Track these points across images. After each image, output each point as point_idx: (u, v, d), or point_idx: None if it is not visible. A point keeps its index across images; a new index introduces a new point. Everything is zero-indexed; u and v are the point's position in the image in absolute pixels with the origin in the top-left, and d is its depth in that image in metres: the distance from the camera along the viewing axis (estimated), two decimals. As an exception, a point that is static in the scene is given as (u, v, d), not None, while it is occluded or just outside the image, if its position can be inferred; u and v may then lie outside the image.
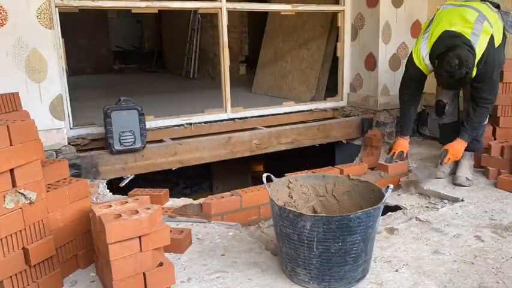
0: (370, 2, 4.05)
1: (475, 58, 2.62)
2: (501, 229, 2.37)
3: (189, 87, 7.22)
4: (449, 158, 2.91)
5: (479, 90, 2.79)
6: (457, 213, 2.60)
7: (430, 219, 2.53)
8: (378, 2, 3.97)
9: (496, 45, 2.77)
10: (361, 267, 1.84)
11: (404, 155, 3.20)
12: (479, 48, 2.66)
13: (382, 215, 2.51)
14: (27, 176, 1.70)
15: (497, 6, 2.92)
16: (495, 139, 3.27)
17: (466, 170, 3.04)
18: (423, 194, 3.04)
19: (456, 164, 3.11)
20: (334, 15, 4.49)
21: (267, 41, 5.91)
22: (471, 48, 2.61)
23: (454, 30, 2.69)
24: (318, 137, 4.00)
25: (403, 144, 3.18)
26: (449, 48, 2.58)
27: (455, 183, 3.00)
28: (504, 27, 2.87)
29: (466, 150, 2.96)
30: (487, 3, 2.87)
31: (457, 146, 2.90)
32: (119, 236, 1.62)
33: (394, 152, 3.19)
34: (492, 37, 2.71)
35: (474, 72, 2.65)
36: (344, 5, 4.26)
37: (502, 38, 2.86)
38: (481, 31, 2.67)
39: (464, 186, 2.95)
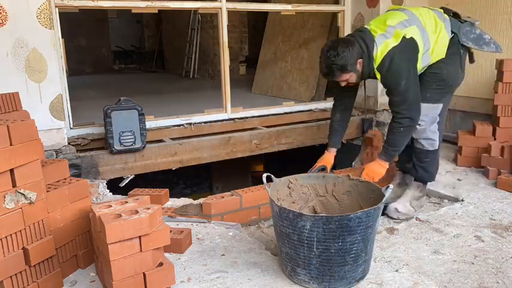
0: (370, 2, 4.05)
1: (365, 57, 2.40)
2: (501, 229, 2.37)
3: (189, 87, 7.23)
4: (364, 178, 2.48)
5: (390, 101, 2.52)
6: (457, 213, 2.60)
7: (430, 219, 2.53)
8: (378, 2, 3.97)
9: (423, 54, 2.48)
10: (361, 267, 1.84)
11: (328, 171, 2.72)
12: (380, 50, 2.40)
13: (382, 215, 2.51)
14: (27, 176, 1.70)
15: (455, 15, 2.63)
16: (495, 139, 3.27)
17: (403, 200, 2.67)
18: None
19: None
20: (334, 15, 4.49)
21: (267, 41, 5.91)
22: (365, 45, 2.40)
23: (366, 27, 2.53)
24: (318, 137, 4.00)
25: (327, 158, 2.77)
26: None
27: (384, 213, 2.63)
28: (458, 39, 2.55)
29: (415, 180, 2.77)
30: (439, 10, 2.62)
31: (373, 166, 2.53)
32: (119, 236, 1.62)
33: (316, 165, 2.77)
34: (405, 43, 2.40)
35: (378, 77, 2.47)
36: (344, 5, 4.26)
37: (450, 49, 2.54)
38: (393, 34, 2.42)
39: (392, 218, 2.58)
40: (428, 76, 2.59)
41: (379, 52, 2.40)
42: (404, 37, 2.40)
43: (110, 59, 11.39)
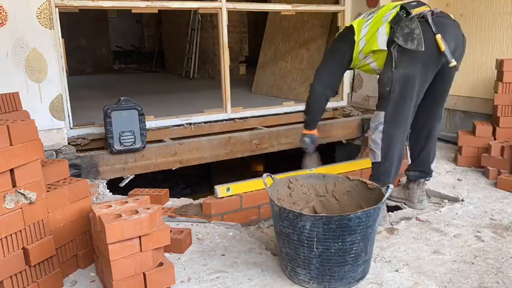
0: (370, 2, 4.05)
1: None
2: (501, 229, 2.37)
3: (189, 87, 7.23)
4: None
5: None
6: (457, 213, 2.60)
7: (430, 219, 2.53)
8: (378, 2, 3.97)
9: (360, 40, 2.57)
10: (361, 267, 1.84)
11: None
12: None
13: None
14: (27, 176, 1.70)
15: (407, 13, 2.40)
16: (495, 139, 3.27)
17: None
18: (423, 194, 3.04)
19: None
20: (334, 15, 4.50)
21: (267, 41, 5.91)
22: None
23: None
24: (318, 136, 3.99)
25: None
26: None
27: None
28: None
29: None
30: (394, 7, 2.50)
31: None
32: (119, 236, 1.62)
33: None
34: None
35: None
36: (344, 5, 4.26)
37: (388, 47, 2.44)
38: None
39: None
40: None
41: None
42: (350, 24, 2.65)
43: (110, 59, 11.39)
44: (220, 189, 2.64)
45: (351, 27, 2.63)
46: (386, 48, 2.44)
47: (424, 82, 2.43)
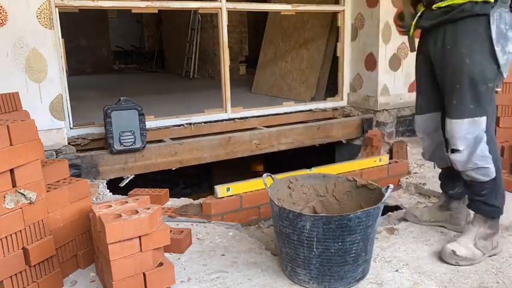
0: (370, 2, 4.05)
1: None
2: (501, 229, 2.37)
3: (189, 87, 7.23)
4: None
5: None
6: (457, 213, 2.59)
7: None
8: (377, 2, 3.97)
9: None
10: (361, 267, 1.84)
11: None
12: None
13: (382, 215, 2.51)
14: (27, 176, 1.70)
15: None
16: (495, 139, 3.27)
17: (464, 240, 2.06)
18: (423, 194, 3.04)
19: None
20: (334, 15, 4.50)
21: (267, 41, 5.91)
22: None
23: None
24: (318, 137, 4.00)
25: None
26: None
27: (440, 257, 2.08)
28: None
29: (477, 213, 2.11)
30: None
31: None
32: (119, 236, 1.62)
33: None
34: None
35: None
36: (344, 5, 4.26)
37: None
38: None
39: (447, 263, 2.02)
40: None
41: None
42: None
43: (110, 59, 11.39)
44: (220, 189, 2.64)
45: None
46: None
47: None
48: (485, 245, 2.05)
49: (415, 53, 2.25)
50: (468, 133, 1.93)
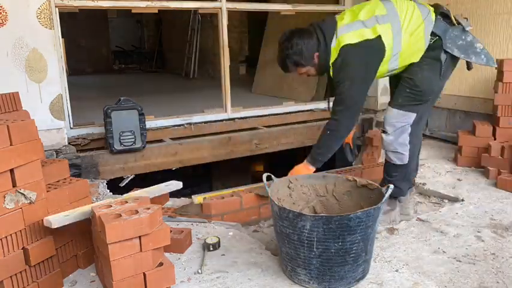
0: (370, 2, 4.05)
1: (321, 50, 2.21)
2: (501, 229, 2.37)
3: (189, 87, 7.23)
4: None
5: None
6: (457, 213, 2.60)
7: (430, 219, 2.53)
8: (378, 2, 3.96)
9: (391, 58, 2.25)
10: (361, 267, 1.84)
11: (351, 145, 2.67)
12: (337, 43, 2.19)
13: (382, 215, 2.51)
14: (27, 176, 1.70)
15: (444, 16, 2.34)
16: (495, 139, 3.27)
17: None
18: (423, 194, 3.05)
19: None
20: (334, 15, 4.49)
21: (267, 41, 5.91)
22: (322, 37, 2.20)
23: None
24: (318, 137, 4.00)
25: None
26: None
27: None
28: (441, 43, 2.25)
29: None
30: (428, 7, 2.32)
31: (300, 169, 2.36)
32: (119, 236, 1.62)
33: None
34: (368, 43, 2.17)
35: (331, 72, 2.26)
36: (344, 5, 4.26)
37: (430, 53, 2.27)
38: (358, 29, 2.18)
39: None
40: (404, 80, 2.35)
41: (336, 46, 2.19)
42: (367, 39, 2.17)
43: (110, 59, 11.39)
44: (197, 199, 2.70)
45: (379, 40, 2.19)
46: (430, 61, 2.28)
47: None
48: (383, 219, 2.38)
49: None
50: (398, 121, 2.35)
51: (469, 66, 2.44)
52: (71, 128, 3.23)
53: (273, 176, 2.08)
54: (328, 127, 2.31)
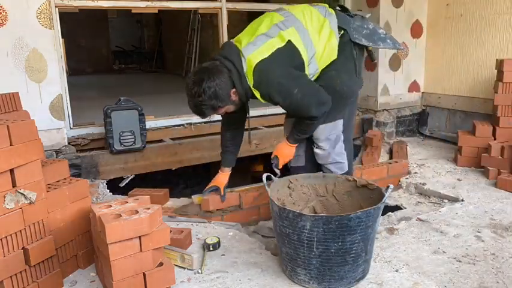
0: (370, 2, 4.05)
1: (237, 81, 2.03)
2: (501, 229, 2.37)
3: (189, 87, 7.20)
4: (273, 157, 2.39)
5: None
6: (457, 213, 2.60)
7: (430, 219, 2.53)
8: (377, 2, 3.97)
9: (309, 63, 2.12)
10: (361, 267, 1.84)
11: (221, 192, 2.60)
12: (248, 64, 2.02)
13: (382, 215, 2.51)
14: (27, 176, 1.70)
15: (343, 8, 2.29)
16: (495, 139, 3.27)
17: None
18: (423, 194, 3.05)
19: None
20: (334, 15, 4.49)
21: (267, 41, 5.90)
22: (232, 66, 2.02)
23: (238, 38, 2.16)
24: (318, 137, 3.99)
25: (220, 179, 2.59)
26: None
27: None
28: (349, 36, 2.15)
29: None
30: (322, 5, 2.22)
31: (283, 147, 2.36)
32: (119, 236, 1.62)
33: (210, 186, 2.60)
34: (279, 51, 2.02)
35: (258, 95, 2.10)
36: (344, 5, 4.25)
37: (342, 51, 2.14)
38: (264, 43, 2.02)
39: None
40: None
41: (248, 68, 2.00)
42: (278, 48, 2.01)
43: (110, 59, 11.39)
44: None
45: (290, 43, 2.05)
46: (344, 61, 2.15)
47: None
48: None
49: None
50: (330, 134, 2.26)
51: (372, 58, 2.30)
52: (70, 128, 3.23)
53: (273, 176, 2.08)
54: (311, 119, 2.19)
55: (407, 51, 4.19)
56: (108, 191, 2.97)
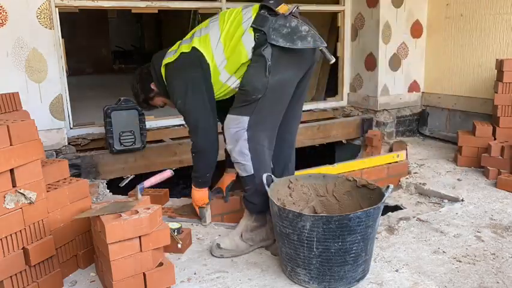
0: (370, 2, 4.05)
1: (156, 80, 2.29)
2: (501, 229, 2.37)
3: (189, 87, 7.20)
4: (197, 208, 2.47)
5: None
6: (457, 213, 2.60)
7: (430, 219, 2.53)
8: (377, 2, 3.97)
9: (220, 73, 2.14)
10: (361, 267, 1.84)
11: (223, 193, 2.59)
12: (163, 69, 2.24)
13: (382, 215, 2.51)
14: (27, 176, 1.70)
15: (269, 8, 2.12)
16: (495, 139, 3.27)
17: (232, 233, 2.23)
18: (423, 194, 3.05)
19: None
20: (334, 15, 4.49)
21: (267, 41, 5.90)
22: (153, 67, 2.29)
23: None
24: (318, 137, 4.00)
25: (224, 180, 2.59)
26: None
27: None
28: (264, 36, 2.03)
29: (245, 207, 2.27)
30: (254, 6, 2.16)
31: (193, 193, 2.42)
32: (119, 236, 1.62)
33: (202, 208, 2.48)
34: (183, 57, 2.16)
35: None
36: (344, 5, 4.26)
37: (255, 51, 2.06)
38: (177, 50, 2.22)
39: (213, 255, 2.13)
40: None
41: (163, 70, 2.24)
42: (182, 52, 2.17)
43: (110, 59, 11.38)
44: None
45: (195, 50, 2.14)
46: (255, 59, 2.06)
47: (296, 84, 2.17)
48: (251, 237, 2.18)
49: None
50: (231, 127, 2.13)
51: (326, 58, 2.11)
52: (70, 128, 3.23)
53: (273, 176, 2.08)
54: (191, 149, 2.29)
55: (407, 51, 4.19)
56: (108, 191, 2.97)
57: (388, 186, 1.86)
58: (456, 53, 4.02)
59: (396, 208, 2.88)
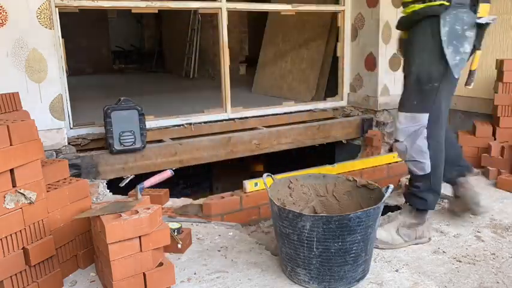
0: (370, 2, 4.05)
1: None
2: (501, 229, 2.37)
3: (189, 87, 7.22)
4: None
5: None
6: (457, 213, 2.60)
7: (430, 219, 2.53)
8: (377, 2, 3.97)
9: None
10: (361, 267, 1.84)
11: None
12: None
13: (382, 215, 2.51)
14: (27, 176, 1.70)
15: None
16: (495, 139, 3.27)
17: (388, 226, 2.22)
18: (423, 194, 3.04)
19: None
20: (334, 15, 4.49)
21: (267, 41, 5.91)
22: None
23: None
24: (318, 137, 4.00)
25: None
26: None
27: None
28: None
29: (406, 201, 2.26)
30: None
31: None
32: (119, 236, 1.62)
33: None
34: None
35: None
36: (344, 5, 4.26)
37: None
38: None
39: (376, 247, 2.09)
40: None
41: None
42: None
43: (110, 59, 11.39)
44: (249, 184, 2.69)
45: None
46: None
47: None
48: (407, 233, 2.19)
49: None
50: (408, 126, 2.07)
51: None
52: (71, 128, 3.23)
53: (273, 176, 2.08)
54: None
55: (407, 51, 4.18)
56: (108, 191, 2.97)
57: (388, 186, 1.86)
58: (456, 53, 4.02)
59: (396, 208, 2.87)
